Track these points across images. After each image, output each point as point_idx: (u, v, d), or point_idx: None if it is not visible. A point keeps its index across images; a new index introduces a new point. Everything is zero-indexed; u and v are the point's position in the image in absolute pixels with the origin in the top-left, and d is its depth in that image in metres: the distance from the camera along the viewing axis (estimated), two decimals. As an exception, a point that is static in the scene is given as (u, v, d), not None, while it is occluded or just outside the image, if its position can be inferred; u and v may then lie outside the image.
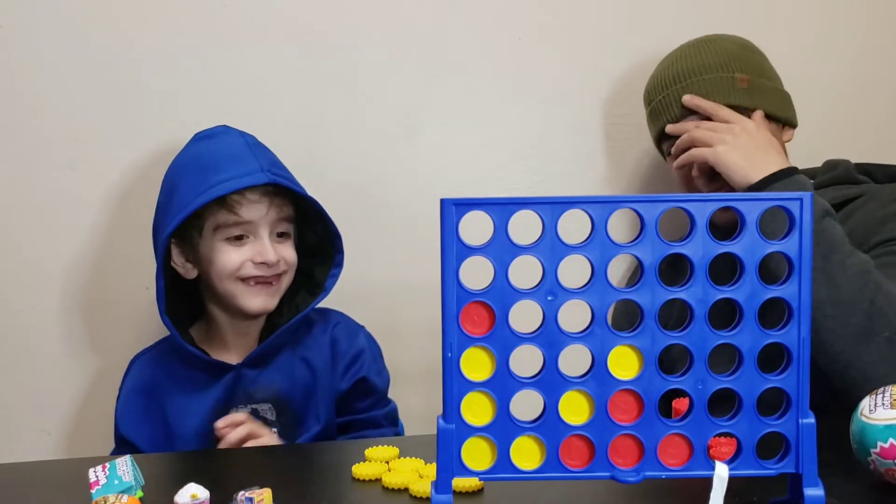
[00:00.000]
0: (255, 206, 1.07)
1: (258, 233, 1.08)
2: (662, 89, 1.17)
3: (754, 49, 1.19)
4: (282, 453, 0.98)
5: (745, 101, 1.13)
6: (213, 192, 1.04)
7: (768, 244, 0.64)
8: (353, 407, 1.16)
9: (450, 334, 0.64)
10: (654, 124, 1.21)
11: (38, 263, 1.24)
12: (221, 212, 1.07)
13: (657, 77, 1.20)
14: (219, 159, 1.08)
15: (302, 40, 1.27)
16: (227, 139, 1.11)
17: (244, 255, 1.08)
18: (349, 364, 1.16)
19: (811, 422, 0.64)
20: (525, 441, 0.65)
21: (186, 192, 1.07)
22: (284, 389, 1.12)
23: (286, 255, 1.11)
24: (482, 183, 1.33)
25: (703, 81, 1.14)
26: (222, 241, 1.08)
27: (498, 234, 0.64)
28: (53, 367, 1.26)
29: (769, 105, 1.14)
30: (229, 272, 1.08)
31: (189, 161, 1.11)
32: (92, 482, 0.75)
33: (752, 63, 1.16)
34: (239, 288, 1.09)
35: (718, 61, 1.14)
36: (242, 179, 1.05)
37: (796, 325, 0.64)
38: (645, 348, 0.64)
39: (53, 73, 1.21)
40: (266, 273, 1.09)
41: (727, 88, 1.13)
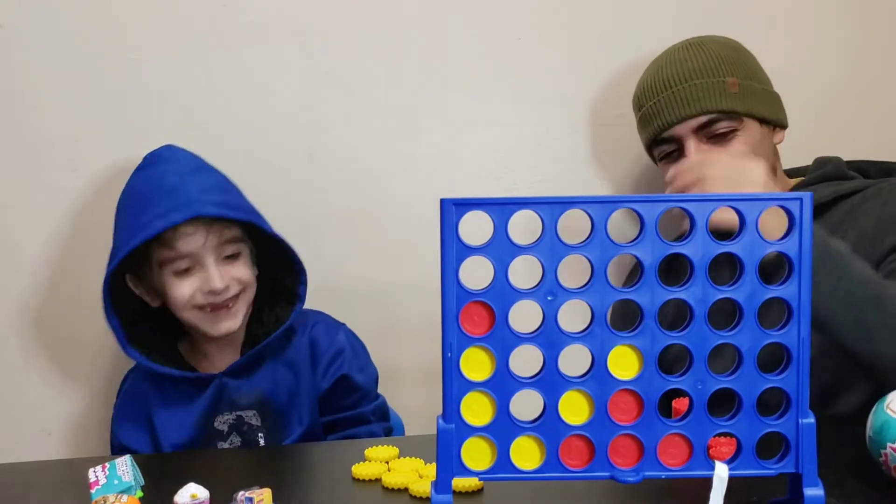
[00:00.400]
0: (191, 238, 1.07)
1: (203, 262, 1.08)
2: (653, 95, 1.16)
3: (743, 50, 1.18)
4: (281, 453, 0.98)
5: (737, 106, 1.12)
6: (145, 234, 1.04)
7: (768, 244, 0.64)
8: (337, 405, 1.17)
9: (449, 334, 0.64)
10: (644, 130, 1.20)
11: (40, 263, 1.24)
12: (161, 249, 1.07)
13: (646, 82, 1.19)
14: (151, 195, 1.08)
15: (302, 40, 1.27)
16: (161, 168, 1.11)
17: (193, 285, 1.08)
18: (329, 363, 1.16)
19: (811, 422, 0.64)
20: (525, 441, 0.65)
21: (123, 230, 1.09)
22: (267, 394, 1.13)
23: (238, 275, 1.10)
24: (482, 183, 1.33)
25: (693, 87, 1.13)
26: (170, 275, 1.09)
27: (498, 234, 0.64)
28: (54, 367, 1.26)
29: (760, 108, 1.14)
30: (182, 303, 1.09)
31: (128, 196, 1.12)
32: (91, 482, 0.75)
33: (742, 66, 1.15)
34: (197, 315, 1.10)
35: (708, 65, 1.14)
36: (169, 216, 1.04)
37: (796, 325, 0.64)
38: (645, 348, 0.64)
39: (53, 73, 1.21)
40: (217, 300, 1.09)
41: (718, 93, 1.12)
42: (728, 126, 1.12)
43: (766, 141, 1.15)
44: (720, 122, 1.12)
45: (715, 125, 1.12)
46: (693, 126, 1.13)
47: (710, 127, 1.12)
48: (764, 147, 1.14)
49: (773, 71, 1.20)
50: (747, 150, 1.12)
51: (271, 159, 1.20)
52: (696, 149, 1.13)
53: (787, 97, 1.20)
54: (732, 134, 1.12)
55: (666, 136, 1.16)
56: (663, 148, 1.17)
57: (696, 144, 1.13)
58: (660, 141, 1.17)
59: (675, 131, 1.14)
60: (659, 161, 1.20)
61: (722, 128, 1.12)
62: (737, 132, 1.12)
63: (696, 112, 1.12)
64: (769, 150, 1.15)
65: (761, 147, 1.14)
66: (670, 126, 1.14)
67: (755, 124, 1.14)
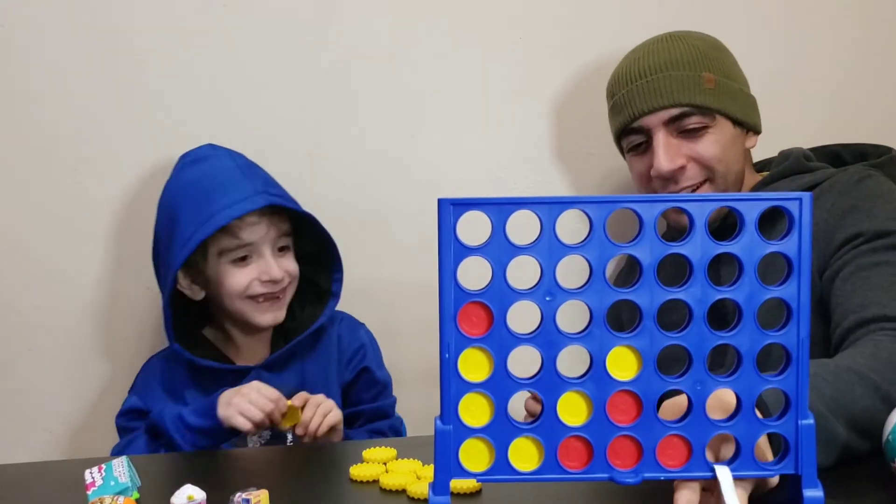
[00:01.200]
0: (255, 228, 1.11)
1: (261, 252, 1.12)
2: (627, 83, 1.14)
3: (723, 49, 1.16)
4: (279, 454, 0.98)
5: (710, 102, 1.09)
6: (216, 222, 1.07)
7: (767, 244, 0.64)
8: (358, 398, 1.20)
9: (447, 335, 0.64)
10: (615, 119, 1.17)
11: (41, 264, 1.24)
12: (224, 237, 1.10)
13: (621, 71, 1.16)
14: (212, 186, 1.11)
15: (302, 40, 1.27)
16: (217, 163, 1.14)
17: (250, 274, 1.12)
18: (352, 356, 1.21)
19: (810, 423, 0.64)
20: (523, 442, 0.65)
21: (188, 223, 1.10)
22: (298, 388, 1.14)
23: (289, 268, 1.15)
24: (482, 183, 1.33)
25: (668, 78, 1.10)
26: (227, 263, 1.12)
27: (496, 235, 0.63)
28: (56, 367, 1.26)
29: (733, 108, 1.11)
30: (238, 292, 1.12)
31: (182, 190, 1.14)
32: (88, 483, 0.75)
33: (720, 63, 1.12)
34: (248, 305, 1.13)
35: (686, 59, 1.11)
36: (241, 205, 1.08)
37: (795, 326, 0.64)
38: (643, 349, 0.64)
39: (54, 73, 1.21)
40: (273, 289, 1.13)
41: (692, 87, 1.09)
42: (700, 122, 1.10)
43: (737, 143, 1.13)
44: (692, 117, 1.09)
45: (686, 119, 1.10)
46: (664, 118, 1.10)
47: (681, 120, 1.10)
48: (734, 149, 1.12)
49: (762, 68, 1.19)
50: (716, 148, 1.10)
51: (271, 159, 1.20)
52: (664, 142, 1.10)
53: (786, 93, 1.20)
54: (703, 130, 1.10)
55: (636, 127, 1.13)
56: (632, 139, 1.15)
57: (665, 137, 1.10)
58: (629, 131, 1.14)
59: (646, 122, 1.11)
60: (626, 153, 1.18)
61: (693, 123, 1.10)
62: (708, 129, 1.10)
63: (668, 103, 1.09)
64: (739, 153, 1.13)
65: (731, 148, 1.12)
66: (641, 116, 1.11)
67: (728, 124, 1.11)
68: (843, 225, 1.03)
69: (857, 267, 0.98)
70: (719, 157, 1.10)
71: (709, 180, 1.12)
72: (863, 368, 0.82)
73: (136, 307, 1.27)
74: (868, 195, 1.04)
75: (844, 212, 1.04)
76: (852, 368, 0.81)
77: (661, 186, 1.12)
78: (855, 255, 1.00)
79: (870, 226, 1.01)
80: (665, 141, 1.10)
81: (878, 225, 1.00)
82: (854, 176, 1.07)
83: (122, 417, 1.15)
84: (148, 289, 1.24)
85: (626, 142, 1.17)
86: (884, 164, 1.12)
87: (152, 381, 1.16)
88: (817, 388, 0.76)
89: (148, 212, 1.24)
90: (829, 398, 0.77)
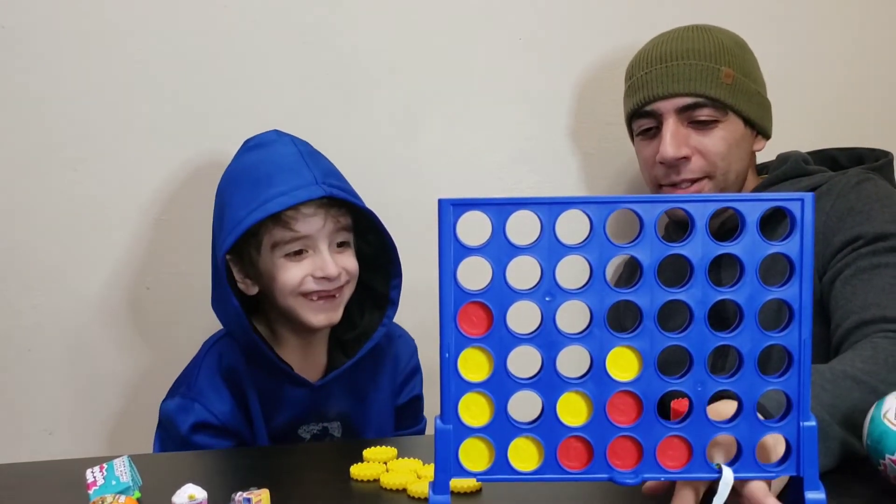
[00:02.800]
0: (311, 220, 1.03)
1: (317, 246, 1.04)
2: (646, 66, 1.14)
3: (747, 48, 1.16)
4: (279, 454, 0.98)
5: (725, 97, 1.10)
6: (267, 209, 1.00)
7: (768, 245, 0.63)
8: (403, 424, 1.17)
9: (447, 335, 0.64)
10: (629, 100, 1.17)
11: (41, 264, 1.24)
12: (277, 228, 1.02)
13: (643, 54, 1.17)
14: (270, 172, 1.03)
15: (302, 40, 1.27)
16: (278, 148, 1.06)
17: (304, 270, 1.04)
18: (406, 380, 1.17)
19: (812, 424, 0.64)
20: (523, 442, 0.65)
21: (238, 208, 1.02)
22: (352, 407, 1.11)
23: (347, 266, 1.07)
24: (483, 183, 1.33)
25: (687, 66, 1.10)
26: (281, 257, 1.04)
27: (496, 235, 0.63)
28: (56, 367, 1.26)
29: (747, 107, 1.12)
30: (291, 288, 1.04)
31: (239, 174, 1.07)
32: (89, 483, 0.75)
33: (742, 60, 1.13)
34: (301, 303, 1.05)
35: (708, 50, 1.11)
36: (296, 194, 1.00)
37: (797, 327, 0.64)
38: (644, 350, 0.64)
39: (54, 73, 1.21)
40: (328, 287, 1.05)
41: (710, 79, 1.10)
42: (711, 115, 1.10)
43: (745, 143, 1.13)
44: (704, 109, 1.10)
45: (699, 110, 1.10)
46: (677, 105, 1.11)
47: (693, 111, 1.10)
48: (740, 148, 1.12)
49: (772, 69, 1.20)
50: (723, 145, 1.10)
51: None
52: (674, 129, 1.10)
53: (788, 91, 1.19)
54: (714, 124, 1.10)
55: (648, 110, 1.13)
56: (642, 122, 1.15)
57: (675, 125, 1.11)
58: (641, 114, 1.14)
59: (659, 106, 1.12)
60: (636, 136, 1.18)
61: (705, 115, 1.10)
62: (718, 123, 1.10)
63: (683, 91, 1.10)
64: (744, 153, 1.13)
65: (737, 147, 1.12)
66: (655, 100, 1.12)
67: (738, 122, 1.12)
68: (841, 227, 1.03)
69: (857, 269, 0.99)
70: (723, 154, 1.11)
71: (709, 177, 1.12)
72: (859, 373, 0.83)
73: (136, 307, 1.26)
74: (867, 198, 1.04)
75: (843, 214, 1.04)
76: (849, 374, 0.82)
77: (663, 174, 1.13)
78: (855, 258, 1.00)
79: (869, 228, 1.01)
80: (674, 128, 1.11)
81: (877, 228, 1.01)
82: (852, 179, 1.08)
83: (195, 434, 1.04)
84: (148, 289, 1.24)
85: (636, 125, 1.17)
86: (882, 167, 1.13)
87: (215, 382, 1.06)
88: (816, 395, 0.76)
89: (149, 212, 1.24)
90: (829, 405, 0.78)
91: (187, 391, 1.07)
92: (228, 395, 1.07)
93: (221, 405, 1.06)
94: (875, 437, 0.73)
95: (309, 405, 1.09)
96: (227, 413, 1.06)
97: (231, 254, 1.06)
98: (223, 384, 1.07)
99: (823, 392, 0.79)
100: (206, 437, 1.05)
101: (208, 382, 1.07)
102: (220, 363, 1.08)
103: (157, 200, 1.21)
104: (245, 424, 1.07)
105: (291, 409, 1.09)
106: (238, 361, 1.08)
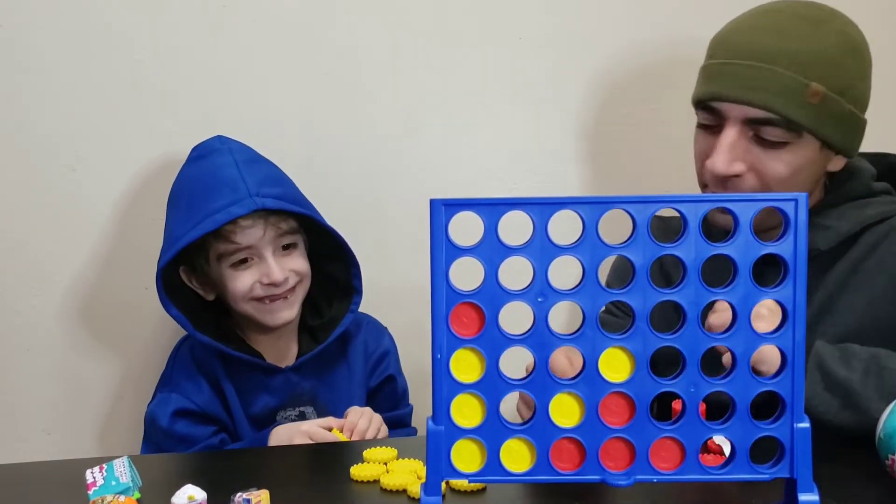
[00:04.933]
0: (249, 231, 1.07)
1: (261, 254, 1.09)
2: (731, 54, 0.97)
3: (858, 53, 0.97)
4: (279, 454, 0.98)
5: (804, 119, 0.93)
6: (204, 227, 1.04)
7: (762, 246, 0.63)
8: (380, 405, 1.18)
9: (439, 336, 0.64)
10: (700, 85, 1.01)
11: (40, 264, 1.24)
12: (219, 242, 1.07)
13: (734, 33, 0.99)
14: (207, 186, 1.07)
15: (302, 40, 1.27)
16: (216, 159, 1.10)
17: (252, 277, 1.09)
18: (377, 362, 1.20)
19: (806, 426, 0.64)
20: (515, 443, 0.65)
21: (178, 224, 1.08)
22: (325, 391, 1.14)
23: (296, 267, 1.11)
24: (483, 183, 1.33)
25: (771, 73, 0.93)
26: (228, 267, 1.09)
27: (488, 235, 0.63)
28: (56, 367, 1.26)
29: (829, 132, 0.95)
30: (241, 295, 1.09)
31: (180, 189, 1.12)
32: (89, 483, 0.75)
33: (842, 73, 0.95)
34: (255, 307, 1.11)
35: (803, 57, 0.93)
36: (230, 210, 1.04)
37: (791, 329, 0.63)
38: (636, 351, 0.64)
39: (54, 73, 1.21)
40: (277, 291, 1.09)
41: (793, 96, 0.93)
42: (782, 136, 0.94)
43: (816, 165, 0.97)
44: (776, 128, 0.94)
45: (769, 127, 0.94)
46: (746, 115, 0.94)
47: (762, 126, 0.94)
48: (807, 172, 0.97)
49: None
50: (786, 170, 0.95)
51: (271, 159, 1.20)
52: (732, 141, 0.95)
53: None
54: (783, 146, 0.95)
55: (713, 106, 0.97)
56: (705, 115, 1.00)
57: (735, 136, 0.95)
58: (706, 107, 0.99)
59: (725, 108, 0.96)
60: (697, 124, 1.02)
61: (775, 135, 0.94)
62: (788, 145, 0.95)
63: (758, 103, 0.93)
64: (812, 176, 0.99)
65: (804, 172, 0.97)
66: (723, 100, 0.96)
67: (814, 145, 0.95)
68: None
69: None
70: (783, 180, 0.96)
71: None
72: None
73: (135, 307, 1.27)
74: None
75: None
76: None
77: (710, 181, 0.99)
78: None
79: None
80: (734, 139, 0.95)
81: None
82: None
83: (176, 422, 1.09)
84: (147, 289, 1.24)
85: (699, 114, 1.01)
86: None
87: (190, 373, 1.12)
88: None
89: (147, 212, 1.25)
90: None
91: (163, 387, 1.13)
92: (206, 384, 1.11)
93: (199, 394, 1.11)
94: (889, 432, 0.72)
95: (284, 392, 1.14)
96: (205, 400, 1.11)
97: (184, 264, 1.12)
98: (199, 375, 1.12)
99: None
100: (188, 423, 1.09)
101: (184, 375, 1.12)
102: (193, 357, 1.14)
103: (156, 200, 1.21)
104: (224, 413, 1.11)
105: (268, 397, 1.13)
106: (210, 354, 1.12)
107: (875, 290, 0.96)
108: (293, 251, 1.12)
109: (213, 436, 1.10)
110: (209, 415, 1.10)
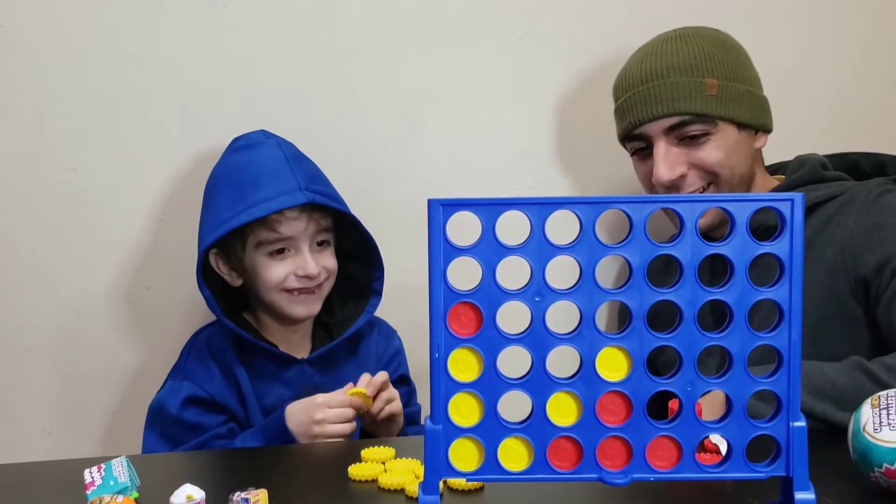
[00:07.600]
0: (294, 223, 1.10)
1: (299, 247, 1.12)
2: (629, 87, 1.12)
3: (732, 47, 1.13)
4: (277, 454, 0.98)
5: (711, 109, 1.07)
6: (253, 213, 1.07)
7: (759, 245, 0.63)
8: None
9: (437, 335, 0.64)
10: (618, 123, 1.16)
11: (41, 264, 1.25)
12: (262, 230, 1.09)
13: (625, 74, 1.15)
14: (257, 175, 1.10)
15: (302, 40, 1.27)
16: (264, 151, 1.13)
17: (287, 268, 1.11)
18: (389, 361, 1.22)
19: (802, 425, 0.64)
20: (512, 442, 0.65)
21: (224, 207, 1.09)
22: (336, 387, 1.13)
23: (326, 264, 1.14)
24: (483, 183, 1.33)
25: (668, 85, 1.08)
26: (264, 255, 1.11)
27: (485, 235, 0.63)
28: (55, 367, 1.26)
29: (737, 112, 1.09)
30: (274, 285, 1.12)
31: (226, 174, 1.13)
32: (87, 483, 0.75)
33: (726, 65, 1.10)
34: (283, 297, 1.13)
35: (688, 63, 1.09)
36: (281, 199, 1.07)
37: (787, 328, 0.63)
38: (633, 350, 0.64)
39: (54, 73, 1.22)
40: (308, 284, 1.12)
41: (693, 94, 1.07)
42: (701, 129, 1.08)
43: (743, 145, 1.11)
44: (692, 125, 1.08)
45: (687, 127, 1.08)
46: (664, 126, 1.09)
47: (682, 128, 1.09)
48: (738, 152, 1.10)
49: (773, 67, 1.19)
50: (719, 154, 1.08)
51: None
52: (664, 151, 1.09)
53: (790, 92, 1.18)
54: (705, 137, 1.09)
55: (637, 133, 1.12)
56: (634, 144, 1.14)
57: (665, 147, 1.09)
58: (631, 137, 1.14)
59: (646, 130, 1.11)
60: (631, 155, 1.18)
61: (694, 130, 1.08)
62: (710, 135, 1.08)
63: (667, 112, 1.08)
64: (745, 155, 1.11)
65: (735, 152, 1.10)
66: (641, 124, 1.10)
67: (731, 128, 1.09)
68: (871, 245, 1.01)
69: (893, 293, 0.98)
70: (722, 163, 1.09)
71: (713, 184, 1.11)
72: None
73: (135, 307, 1.27)
74: (890, 212, 1.03)
75: (868, 229, 1.02)
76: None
77: (663, 192, 1.12)
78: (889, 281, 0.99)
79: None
80: (665, 150, 1.09)
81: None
82: (874, 191, 1.06)
83: (186, 409, 1.10)
84: (147, 288, 1.25)
85: (629, 146, 1.17)
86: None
87: (205, 363, 1.13)
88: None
89: (147, 212, 1.25)
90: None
91: (176, 375, 1.14)
92: (219, 374, 1.13)
93: (212, 382, 1.12)
94: (860, 452, 0.72)
95: (298, 383, 1.15)
96: (217, 389, 1.12)
97: (217, 248, 1.13)
98: (213, 364, 1.13)
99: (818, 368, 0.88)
100: (198, 411, 1.10)
101: (197, 363, 1.14)
102: (208, 347, 1.15)
103: (156, 200, 1.22)
104: (237, 402, 1.13)
105: (282, 388, 1.14)
106: (226, 345, 1.14)
107: (828, 261, 1.03)
108: (326, 248, 1.15)
109: (223, 425, 1.11)
110: (220, 404, 1.12)
